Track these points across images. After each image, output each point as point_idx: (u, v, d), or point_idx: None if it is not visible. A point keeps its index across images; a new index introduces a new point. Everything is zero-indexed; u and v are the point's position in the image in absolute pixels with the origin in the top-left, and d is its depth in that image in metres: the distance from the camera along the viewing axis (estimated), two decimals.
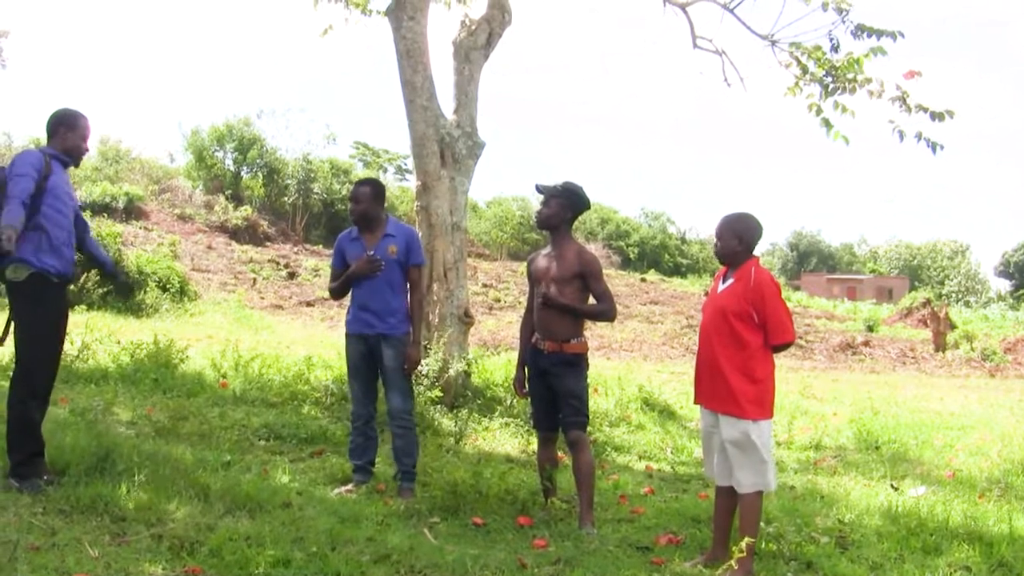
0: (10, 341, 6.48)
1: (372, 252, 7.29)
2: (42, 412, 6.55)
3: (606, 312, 6.94)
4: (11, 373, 6.46)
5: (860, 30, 10.85)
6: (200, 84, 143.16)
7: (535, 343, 6.95)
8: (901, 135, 10.36)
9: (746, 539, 5.52)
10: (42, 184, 6.25)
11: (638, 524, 6.90)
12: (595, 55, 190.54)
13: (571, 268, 6.74)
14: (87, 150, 6.76)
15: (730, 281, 6.01)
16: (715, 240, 6.15)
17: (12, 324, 6.45)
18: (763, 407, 5.86)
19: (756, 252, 6.10)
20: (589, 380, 7.08)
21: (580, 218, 7.58)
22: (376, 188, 7.58)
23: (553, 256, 6.93)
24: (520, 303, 32.48)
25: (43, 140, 6.71)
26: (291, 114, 60.99)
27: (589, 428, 10.21)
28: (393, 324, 7.30)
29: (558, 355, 6.77)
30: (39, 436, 6.40)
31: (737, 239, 6.00)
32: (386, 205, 7.62)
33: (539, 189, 7.08)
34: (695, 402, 6.20)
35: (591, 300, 6.84)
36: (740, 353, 5.86)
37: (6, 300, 6.45)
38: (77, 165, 6.82)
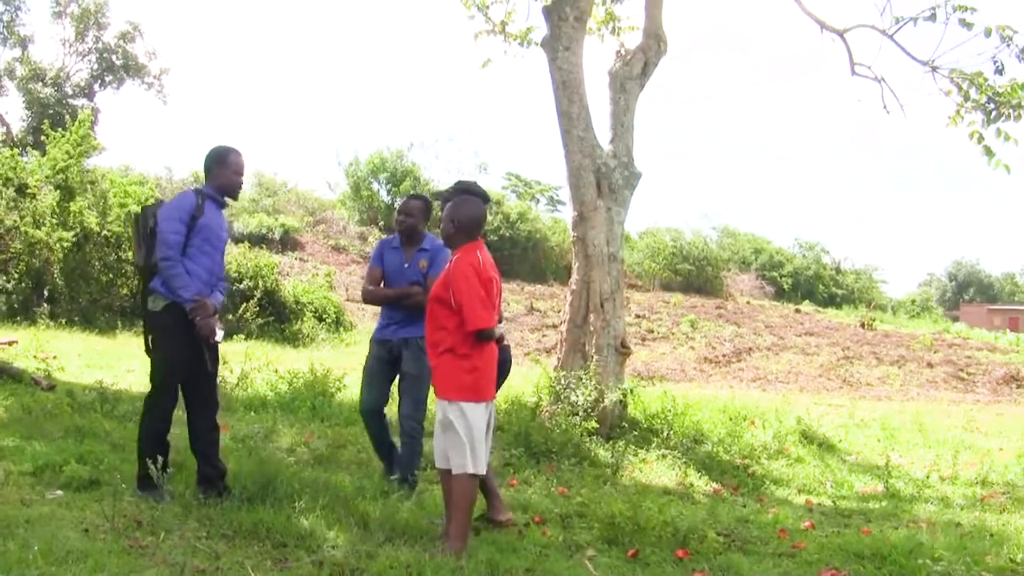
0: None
1: (407, 265, 7.81)
2: (214, 438, 6.92)
3: None
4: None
5: None
6: (356, 116, 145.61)
7: None
8: None
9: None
10: (191, 224, 6.60)
11: (799, 559, 6.71)
12: (751, 84, 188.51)
13: None
14: (241, 184, 7.05)
15: None
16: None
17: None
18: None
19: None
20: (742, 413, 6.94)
21: (732, 248, 7.49)
22: (427, 204, 8.14)
23: None
24: (673, 334, 32.17)
25: (203, 174, 6.96)
26: (439, 144, 61.43)
27: (747, 460, 10.06)
28: (418, 329, 7.26)
29: None
30: (167, 451, 6.69)
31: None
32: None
33: (435, 196, 7.35)
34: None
35: None
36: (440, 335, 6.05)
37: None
38: (235, 199, 7.14)
